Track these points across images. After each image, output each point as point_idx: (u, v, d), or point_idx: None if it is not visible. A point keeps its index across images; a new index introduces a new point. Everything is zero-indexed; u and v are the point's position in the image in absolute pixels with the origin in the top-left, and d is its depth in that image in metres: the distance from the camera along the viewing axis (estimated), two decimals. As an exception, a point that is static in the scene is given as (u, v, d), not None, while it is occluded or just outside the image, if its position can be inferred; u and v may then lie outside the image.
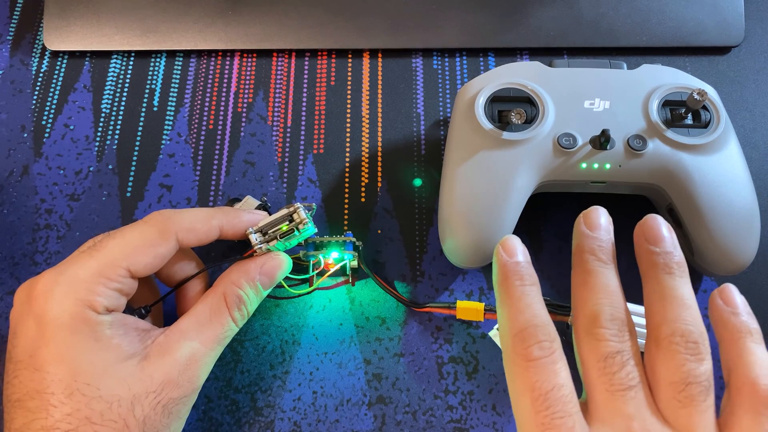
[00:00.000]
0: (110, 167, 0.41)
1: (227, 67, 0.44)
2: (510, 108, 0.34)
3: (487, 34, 0.44)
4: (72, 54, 0.45)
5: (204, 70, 0.44)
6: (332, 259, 0.35)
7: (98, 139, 0.42)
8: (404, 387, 0.35)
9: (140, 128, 0.42)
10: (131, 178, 0.40)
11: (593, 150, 0.33)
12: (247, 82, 0.43)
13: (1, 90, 0.43)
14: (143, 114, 0.42)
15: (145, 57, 0.44)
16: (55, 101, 0.43)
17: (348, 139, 0.41)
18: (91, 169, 0.41)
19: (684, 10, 0.44)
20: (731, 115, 0.41)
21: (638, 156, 0.33)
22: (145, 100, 0.43)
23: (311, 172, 0.40)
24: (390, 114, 0.42)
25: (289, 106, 0.43)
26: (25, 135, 0.42)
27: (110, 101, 0.43)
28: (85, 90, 0.43)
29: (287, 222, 0.32)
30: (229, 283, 0.31)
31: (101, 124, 0.42)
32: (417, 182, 0.40)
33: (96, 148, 0.41)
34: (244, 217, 0.33)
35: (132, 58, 0.44)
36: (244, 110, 0.43)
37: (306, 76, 0.44)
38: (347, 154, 0.41)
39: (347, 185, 0.40)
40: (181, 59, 0.44)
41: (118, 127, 0.42)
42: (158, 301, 0.33)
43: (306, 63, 0.44)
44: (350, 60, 0.44)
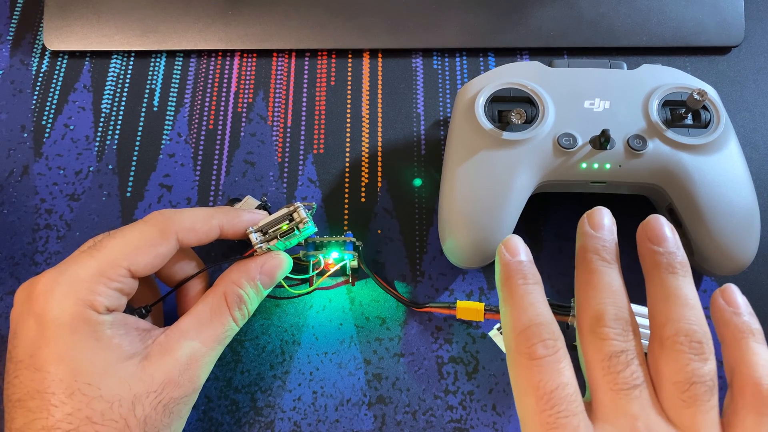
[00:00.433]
0: (110, 167, 0.41)
1: (227, 67, 0.44)
2: (510, 108, 0.34)
3: (487, 34, 0.44)
4: (72, 54, 0.45)
5: (204, 70, 0.44)
6: (332, 259, 0.35)
7: (98, 139, 0.42)
8: (404, 387, 0.35)
9: (140, 128, 0.42)
10: (131, 178, 0.40)
11: (593, 150, 0.33)
12: (247, 82, 0.43)
13: (1, 90, 0.43)
14: (143, 114, 0.42)
15: (145, 57, 0.44)
16: (55, 101, 0.43)
17: (348, 139, 0.41)
18: (91, 169, 0.41)
19: (684, 10, 0.44)
20: (731, 115, 0.41)
21: (638, 156, 0.33)
22: (145, 100, 0.43)
23: (311, 172, 0.40)
24: (390, 114, 0.42)
25: (289, 106, 0.43)
26: (25, 135, 0.42)
27: (110, 101, 0.43)
28: (85, 90, 0.43)
29: (287, 221, 0.32)
30: (230, 283, 0.31)
31: (101, 124, 0.42)
32: (417, 182, 0.40)
33: (96, 148, 0.41)
34: (244, 217, 0.33)
35: (132, 58, 0.44)
36: (244, 110, 0.43)
37: (306, 76, 0.44)
38: (347, 154, 0.41)
39: (347, 185, 0.40)
40: (181, 59, 0.44)
41: (118, 127, 0.42)
42: (158, 301, 0.33)
43: (306, 63, 0.44)
44: (350, 60, 0.44)
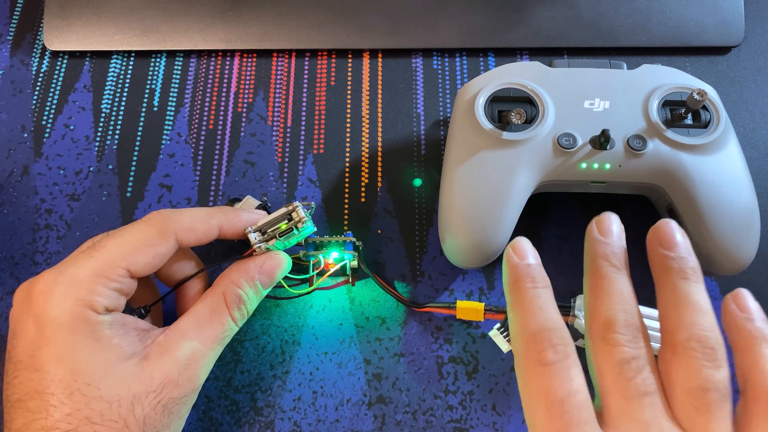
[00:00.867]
0: (110, 167, 0.41)
1: (227, 67, 0.44)
2: (510, 108, 0.34)
3: (487, 34, 0.44)
4: (72, 54, 0.45)
5: (204, 70, 0.44)
6: (332, 259, 0.35)
7: (98, 139, 0.42)
8: (404, 387, 0.35)
9: (140, 128, 0.42)
10: (131, 178, 0.40)
11: (593, 150, 0.33)
12: (247, 82, 0.43)
13: (1, 90, 0.43)
14: (143, 114, 0.42)
15: (145, 57, 0.44)
16: (55, 101, 0.43)
17: (348, 139, 0.41)
18: (91, 169, 0.41)
19: (684, 10, 0.44)
20: (731, 115, 0.41)
21: (638, 156, 0.33)
22: (145, 100, 0.43)
23: (311, 172, 0.40)
24: (390, 114, 0.42)
25: (289, 106, 0.43)
26: (25, 135, 0.42)
27: (110, 101, 0.43)
28: (85, 90, 0.43)
29: (286, 221, 0.32)
30: (229, 283, 0.31)
31: (101, 124, 0.42)
32: (417, 182, 0.40)
33: (96, 148, 0.41)
34: (244, 217, 0.33)
35: (132, 58, 0.44)
36: (244, 110, 0.43)
37: (306, 76, 0.44)
38: (347, 154, 0.41)
39: (347, 185, 0.40)
40: (181, 59, 0.44)
41: (118, 127, 0.42)
42: (158, 301, 0.33)
43: (306, 63, 0.44)
44: (350, 60, 0.44)
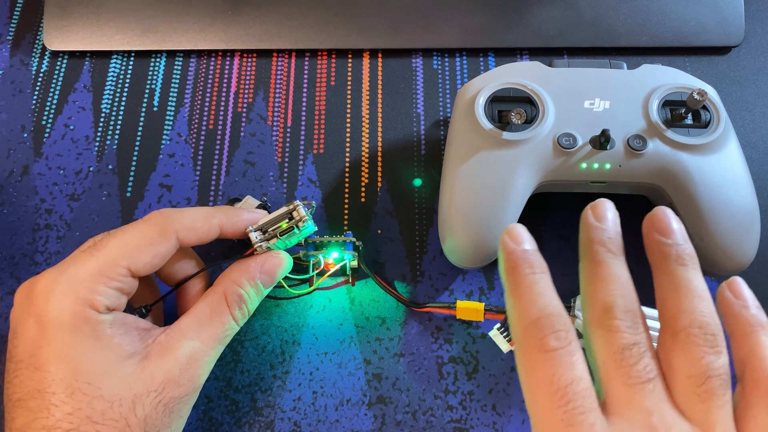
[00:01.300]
0: (110, 167, 0.41)
1: (227, 67, 0.44)
2: (510, 108, 0.34)
3: (487, 34, 0.44)
4: (72, 54, 0.45)
5: (204, 70, 0.44)
6: (332, 259, 0.35)
7: (98, 139, 0.42)
8: (404, 387, 0.35)
9: (140, 128, 0.42)
10: (131, 178, 0.40)
11: (593, 150, 0.33)
12: (247, 82, 0.43)
13: (1, 90, 0.43)
14: (143, 114, 0.42)
15: (145, 57, 0.44)
16: (55, 101, 0.43)
17: (348, 139, 0.41)
18: (91, 169, 0.41)
19: (684, 10, 0.44)
20: (731, 115, 0.41)
21: (638, 156, 0.33)
22: (145, 100, 0.43)
23: (311, 172, 0.40)
24: (390, 114, 0.42)
25: (289, 106, 0.43)
26: (25, 135, 0.42)
27: (110, 101, 0.43)
28: (85, 90, 0.43)
29: (287, 220, 0.32)
30: (230, 282, 0.31)
31: (101, 124, 0.42)
32: (417, 182, 0.40)
33: (96, 148, 0.41)
34: (244, 216, 0.33)
35: (132, 58, 0.44)
36: (244, 110, 0.43)
37: (306, 76, 0.44)
38: (347, 154, 0.41)
39: (347, 185, 0.40)
40: (181, 59, 0.44)
41: (118, 127, 0.42)
42: (158, 301, 0.33)
43: (306, 63, 0.44)
44: (350, 60, 0.44)
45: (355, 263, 0.35)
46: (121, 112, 0.43)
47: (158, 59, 0.44)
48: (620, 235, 0.28)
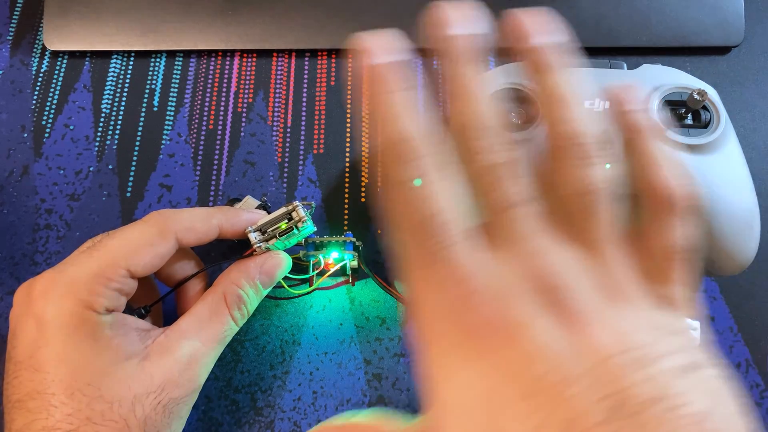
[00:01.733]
0: (110, 167, 0.41)
1: (227, 67, 0.44)
2: (510, 108, 0.34)
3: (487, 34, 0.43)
4: (72, 54, 0.45)
5: (204, 70, 0.44)
6: (332, 259, 0.35)
7: (98, 139, 0.42)
8: (404, 387, 0.35)
9: (140, 128, 0.42)
10: (131, 178, 0.40)
11: (593, 150, 0.33)
12: (247, 82, 0.43)
13: (1, 90, 0.43)
14: (143, 114, 0.42)
15: (145, 57, 0.44)
16: (55, 101, 0.43)
17: (348, 139, 0.41)
18: (91, 169, 0.41)
19: (684, 10, 0.44)
20: (731, 115, 0.41)
21: (638, 156, 0.33)
22: (145, 100, 0.43)
23: (311, 172, 0.40)
24: (390, 114, 0.42)
25: (289, 106, 0.43)
26: (25, 135, 0.42)
27: (110, 101, 0.43)
28: (85, 90, 0.43)
29: (286, 220, 0.32)
30: (229, 283, 0.31)
31: (101, 124, 0.42)
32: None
33: (96, 148, 0.41)
34: (244, 216, 0.33)
35: (132, 58, 0.44)
36: (244, 110, 0.43)
37: (306, 76, 0.44)
38: (347, 154, 0.41)
39: (347, 185, 0.40)
40: (181, 59, 0.44)
41: (118, 127, 0.42)
42: (158, 301, 0.33)
43: (306, 63, 0.44)
44: (350, 60, 0.44)
45: (355, 263, 0.35)
46: (121, 112, 0.43)
47: (158, 59, 0.44)
48: (475, 39, 0.23)
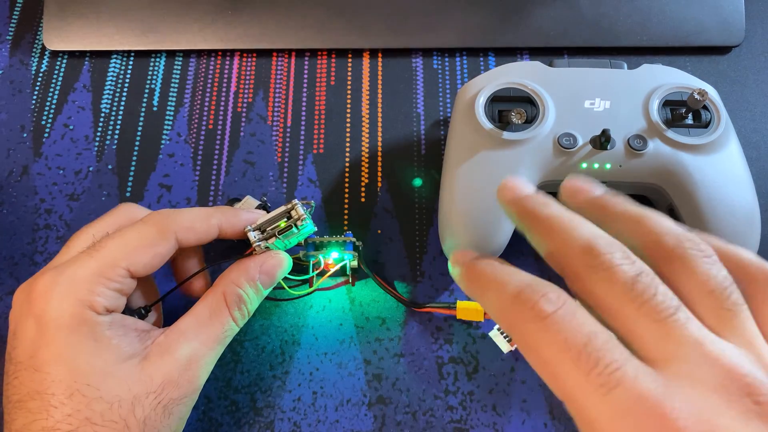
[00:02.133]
0: (110, 167, 0.41)
1: (227, 67, 0.44)
2: (510, 108, 0.34)
3: (487, 34, 0.43)
4: (72, 54, 0.44)
5: (204, 70, 0.44)
6: (332, 259, 0.35)
7: (98, 139, 0.42)
8: (404, 387, 0.35)
9: (140, 128, 0.42)
10: (131, 178, 0.40)
11: (593, 150, 0.33)
12: (247, 82, 0.43)
13: (1, 90, 0.43)
14: (143, 114, 0.42)
15: (145, 57, 0.44)
16: (55, 101, 0.43)
17: (348, 139, 0.41)
18: (91, 169, 0.41)
19: (684, 10, 0.44)
20: (731, 115, 0.41)
21: (638, 156, 0.33)
22: (145, 100, 0.43)
23: (311, 172, 0.40)
24: (390, 114, 0.42)
25: (289, 106, 0.43)
26: (25, 135, 0.42)
27: (110, 101, 0.43)
28: (85, 90, 0.43)
29: (285, 218, 0.32)
30: (229, 283, 0.31)
31: (101, 124, 0.42)
32: (417, 182, 0.40)
33: (96, 148, 0.41)
34: (243, 216, 0.33)
35: (132, 58, 0.44)
36: (244, 110, 0.43)
37: (306, 76, 0.44)
38: (347, 154, 0.41)
39: (347, 185, 0.40)
40: (181, 59, 0.44)
41: (118, 127, 0.42)
42: (158, 301, 0.33)
43: (306, 63, 0.44)
44: (350, 60, 0.44)
45: (355, 263, 0.35)
46: (121, 112, 0.42)
47: (158, 59, 0.44)
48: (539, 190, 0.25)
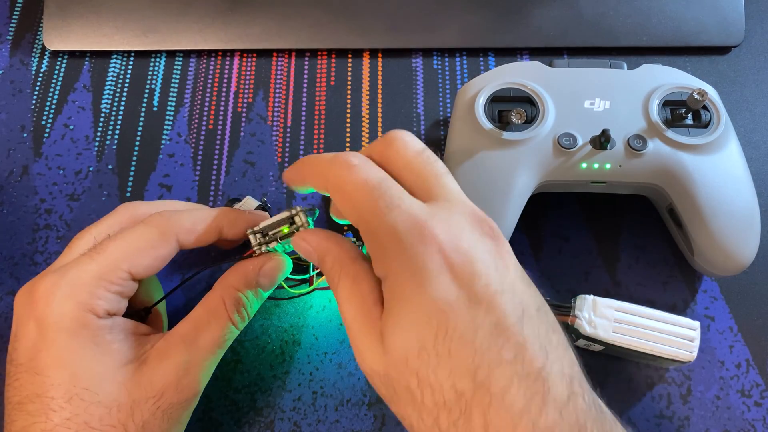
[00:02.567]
0: (110, 167, 0.41)
1: (227, 67, 0.44)
2: (510, 108, 0.34)
3: (487, 34, 0.43)
4: (72, 54, 0.44)
5: (204, 70, 0.44)
6: (332, 260, 0.35)
7: (98, 139, 0.42)
8: (404, 387, 0.35)
9: (140, 128, 0.42)
10: (131, 178, 0.40)
11: (593, 150, 0.33)
12: (247, 82, 0.43)
13: (1, 90, 0.43)
14: (143, 114, 0.42)
15: (145, 57, 0.44)
16: (55, 101, 0.43)
17: (348, 139, 0.41)
18: (91, 169, 0.41)
19: (684, 10, 0.44)
20: (731, 115, 0.41)
21: (638, 156, 0.33)
22: (145, 100, 0.43)
23: (311, 172, 0.40)
24: (390, 114, 0.42)
25: (289, 106, 0.43)
26: (25, 135, 0.42)
27: (110, 101, 0.43)
28: (85, 90, 0.43)
29: (288, 225, 0.32)
30: (228, 286, 0.31)
31: (101, 124, 0.42)
32: None
33: (96, 148, 0.41)
34: (244, 218, 0.32)
35: (132, 58, 0.44)
36: (244, 110, 0.43)
37: (306, 76, 0.44)
38: (347, 154, 0.41)
39: (347, 185, 0.40)
40: (181, 59, 0.44)
41: (118, 127, 0.42)
42: (158, 302, 0.33)
43: (306, 63, 0.44)
44: (350, 60, 0.44)
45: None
46: (121, 112, 0.42)
47: (158, 59, 0.44)
48: None
